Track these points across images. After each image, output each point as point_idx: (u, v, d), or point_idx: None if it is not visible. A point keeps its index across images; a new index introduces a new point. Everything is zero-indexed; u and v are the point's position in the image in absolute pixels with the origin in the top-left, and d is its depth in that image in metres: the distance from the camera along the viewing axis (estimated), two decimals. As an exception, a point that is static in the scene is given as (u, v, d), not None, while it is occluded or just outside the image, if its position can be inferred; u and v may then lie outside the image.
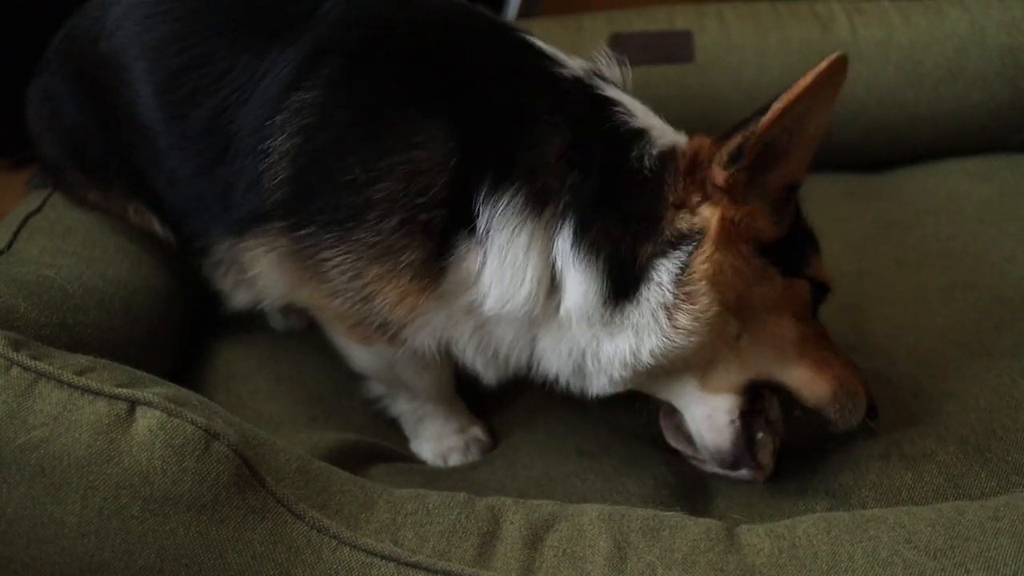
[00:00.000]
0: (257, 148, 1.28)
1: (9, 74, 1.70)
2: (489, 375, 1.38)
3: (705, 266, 1.19)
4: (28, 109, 1.62)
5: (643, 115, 1.29)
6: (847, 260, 1.77)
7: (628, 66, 1.36)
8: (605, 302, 1.22)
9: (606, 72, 1.34)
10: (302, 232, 1.27)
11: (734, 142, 1.18)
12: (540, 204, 1.22)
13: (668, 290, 1.19)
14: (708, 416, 1.27)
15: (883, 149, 2.04)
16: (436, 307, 1.27)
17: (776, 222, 1.24)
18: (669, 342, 1.20)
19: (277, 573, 1.03)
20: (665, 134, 1.28)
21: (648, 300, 1.20)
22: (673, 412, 1.35)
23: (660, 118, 1.33)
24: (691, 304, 1.19)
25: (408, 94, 1.24)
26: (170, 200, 1.47)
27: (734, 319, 1.22)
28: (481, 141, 1.23)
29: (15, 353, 1.09)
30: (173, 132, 1.38)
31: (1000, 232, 1.77)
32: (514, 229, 1.22)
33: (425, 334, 1.31)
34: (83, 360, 1.12)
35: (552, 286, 1.24)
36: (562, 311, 1.24)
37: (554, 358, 1.29)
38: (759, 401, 1.28)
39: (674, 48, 1.99)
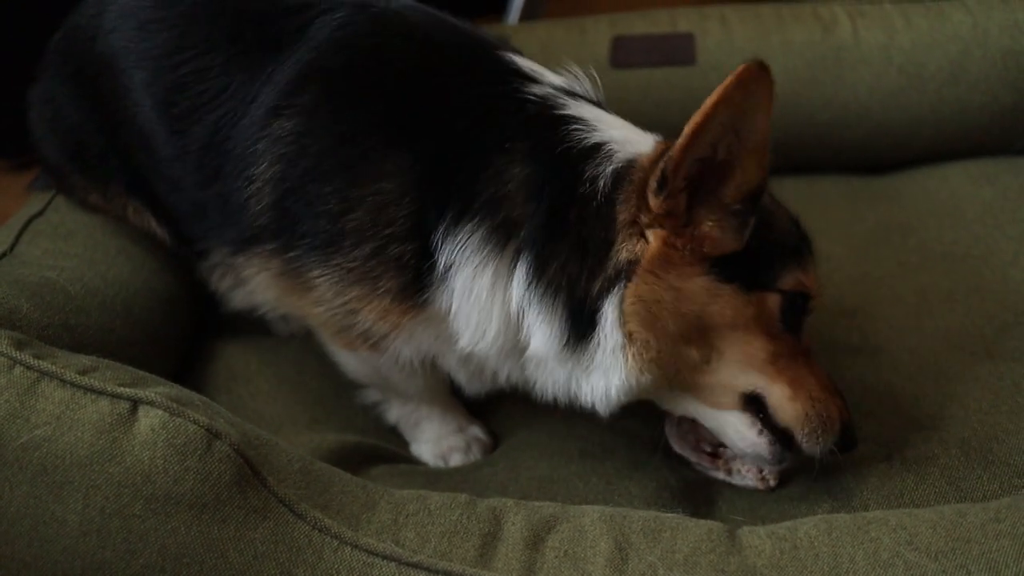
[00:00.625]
0: (243, 174, 1.30)
1: (10, 78, 1.71)
2: (473, 387, 1.38)
3: (634, 305, 1.15)
4: (30, 113, 1.63)
5: (605, 127, 1.23)
6: (849, 263, 1.77)
7: (599, 76, 1.33)
8: (566, 345, 1.19)
9: (577, 87, 1.30)
10: (289, 255, 1.29)
11: (658, 168, 1.13)
12: (502, 239, 1.19)
13: (614, 331, 1.16)
14: (737, 432, 1.24)
15: (885, 152, 2.03)
16: (422, 328, 1.28)
17: (735, 235, 1.17)
18: (631, 381, 1.18)
19: (278, 573, 1.03)
20: (626, 146, 1.21)
21: (604, 340, 1.17)
22: (679, 420, 1.35)
23: (628, 126, 1.27)
24: (632, 344, 1.16)
25: (379, 122, 1.24)
26: (172, 202, 1.48)
27: (690, 347, 1.18)
28: (445, 172, 1.21)
29: (18, 352, 1.10)
30: (174, 145, 1.39)
31: (1002, 235, 1.77)
32: (475, 267, 1.20)
33: (409, 348, 1.31)
34: (86, 360, 1.12)
35: (518, 327, 1.22)
36: (529, 353, 1.22)
37: (547, 385, 1.28)
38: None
39: (676, 51, 1.99)
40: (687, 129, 1.09)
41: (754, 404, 1.23)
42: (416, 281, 1.23)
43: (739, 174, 1.14)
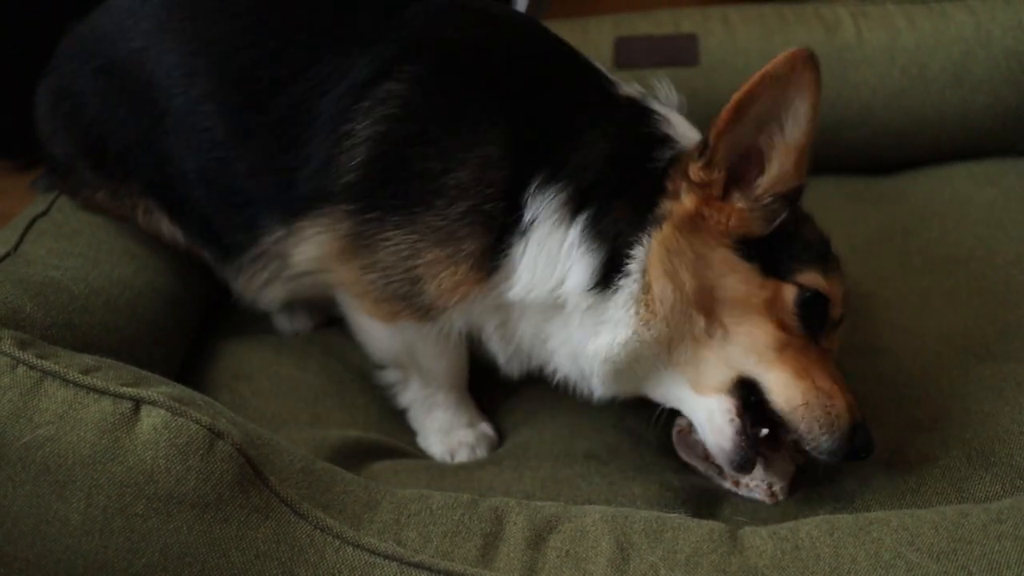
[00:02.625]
0: (338, 130, 1.35)
1: (12, 79, 1.71)
2: (512, 367, 1.44)
3: (659, 252, 1.25)
4: (39, 109, 1.63)
5: (676, 125, 1.37)
6: (851, 263, 1.76)
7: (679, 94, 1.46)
8: (591, 289, 1.28)
9: (660, 95, 1.44)
10: (367, 215, 1.35)
11: (703, 137, 1.25)
12: (580, 200, 1.30)
13: (636, 279, 1.26)
14: (709, 418, 1.26)
15: (888, 152, 2.03)
16: (482, 298, 1.34)
17: (763, 223, 1.26)
18: (637, 336, 1.25)
19: (280, 572, 1.04)
20: (688, 139, 1.34)
21: (622, 290, 1.27)
22: (687, 429, 1.35)
23: (692, 128, 1.40)
24: (646, 295, 1.25)
25: (484, 97, 1.35)
26: (201, 197, 1.49)
27: (700, 314, 1.24)
28: (541, 142, 1.32)
29: (21, 352, 1.10)
30: (238, 123, 1.43)
31: (1005, 236, 1.77)
32: (553, 222, 1.29)
33: (461, 319, 1.37)
34: (88, 359, 1.13)
35: (564, 267, 1.31)
36: (560, 295, 1.30)
37: (562, 358, 1.35)
38: (760, 402, 1.26)
39: (679, 51, 2.00)
40: (731, 101, 1.19)
41: (744, 390, 1.24)
42: (498, 242, 1.31)
43: (776, 168, 1.25)
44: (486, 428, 1.50)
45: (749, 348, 1.24)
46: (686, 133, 1.37)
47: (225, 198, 1.48)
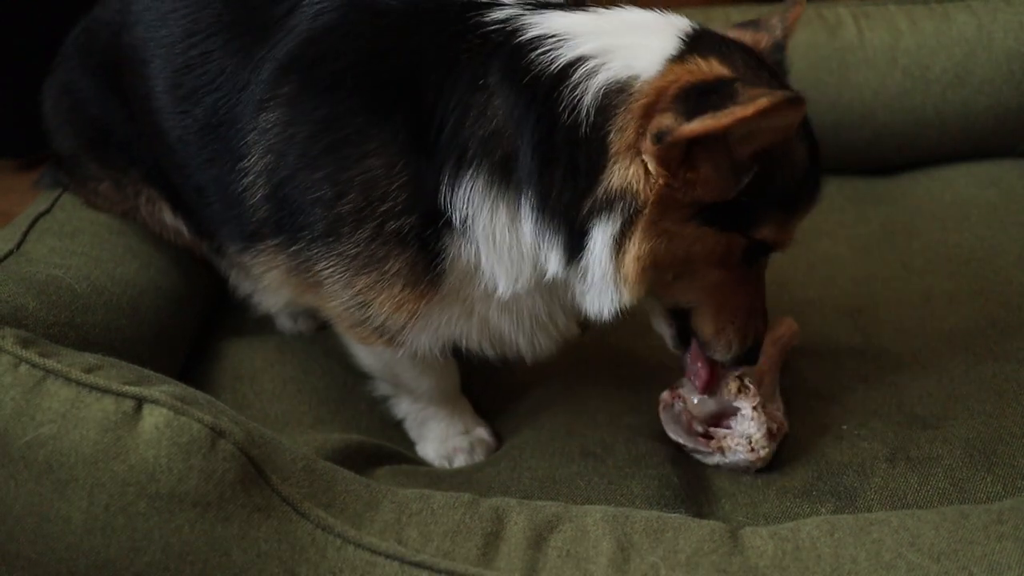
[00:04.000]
0: (236, 167, 1.30)
1: (15, 78, 1.72)
2: (536, 346, 1.35)
3: (638, 242, 1.12)
4: (45, 104, 1.65)
5: (578, 40, 1.14)
6: (853, 264, 1.77)
7: None
8: (567, 267, 1.17)
9: None
10: (293, 248, 1.28)
11: (662, 122, 1.05)
12: (505, 175, 1.16)
13: (606, 258, 1.14)
14: (658, 319, 1.34)
15: (890, 154, 2.03)
16: (439, 310, 1.27)
17: (728, 187, 1.11)
18: (620, 302, 1.17)
19: (281, 571, 1.04)
20: (608, 60, 1.12)
21: (592, 265, 1.15)
22: (671, 404, 1.37)
23: (611, 26, 1.16)
24: (624, 273, 1.14)
25: (358, 102, 1.21)
26: (186, 190, 1.49)
27: (668, 272, 1.18)
28: (430, 131, 1.17)
29: (23, 350, 1.10)
30: (178, 127, 1.40)
31: (1007, 237, 1.77)
32: (489, 209, 1.17)
33: (426, 336, 1.30)
34: (91, 358, 1.13)
35: (538, 257, 1.20)
36: (546, 280, 1.21)
37: (593, 304, 1.22)
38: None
39: (681, 52, 1.99)
40: (705, 123, 1.02)
41: (681, 314, 1.29)
42: (423, 256, 1.21)
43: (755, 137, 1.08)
44: (482, 433, 1.50)
45: (696, 288, 1.23)
46: (592, 47, 1.12)
47: (198, 197, 1.45)
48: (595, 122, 1.11)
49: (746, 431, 1.32)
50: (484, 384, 1.57)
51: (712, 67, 1.11)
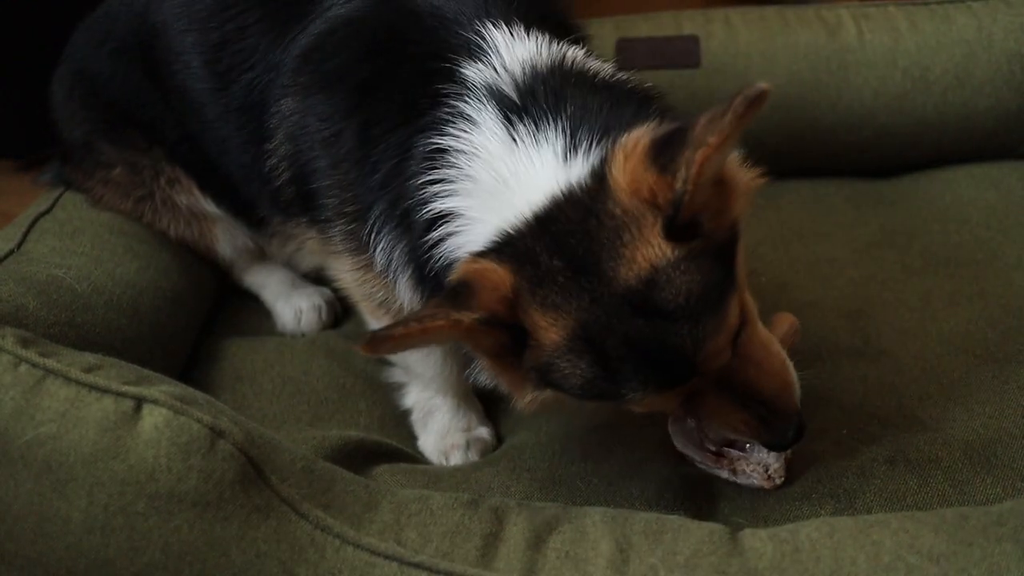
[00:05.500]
0: (262, 148, 1.35)
1: (15, 79, 1.72)
2: None
3: None
4: (55, 96, 1.67)
5: (462, 185, 1.14)
6: (853, 266, 1.76)
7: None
8: None
9: (504, 80, 1.17)
10: (320, 224, 1.34)
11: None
12: (405, 230, 1.20)
13: None
14: None
15: (890, 155, 2.03)
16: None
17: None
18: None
19: (280, 571, 1.04)
20: (468, 228, 1.13)
21: None
22: (682, 417, 1.35)
23: (499, 188, 1.12)
24: None
25: (349, 104, 1.24)
26: (225, 166, 1.52)
27: None
28: (369, 161, 1.21)
29: (23, 350, 1.10)
30: (217, 104, 1.43)
31: (1006, 239, 1.77)
32: (392, 249, 1.23)
33: None
34: (91, 358, 1.13)
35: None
36: None
37: None
38: None
39: (681, 53, 1.99)
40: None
41: None
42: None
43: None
44: (482, 432, 1.50)
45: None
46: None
47: (235, 170, 1.50)
48: (438, 275, 1.15)
49: (763, 459, 1.29)
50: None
51: (497, 275, 1.06)
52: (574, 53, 1.21)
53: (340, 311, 1.78)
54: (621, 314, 1.03)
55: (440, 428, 1.49)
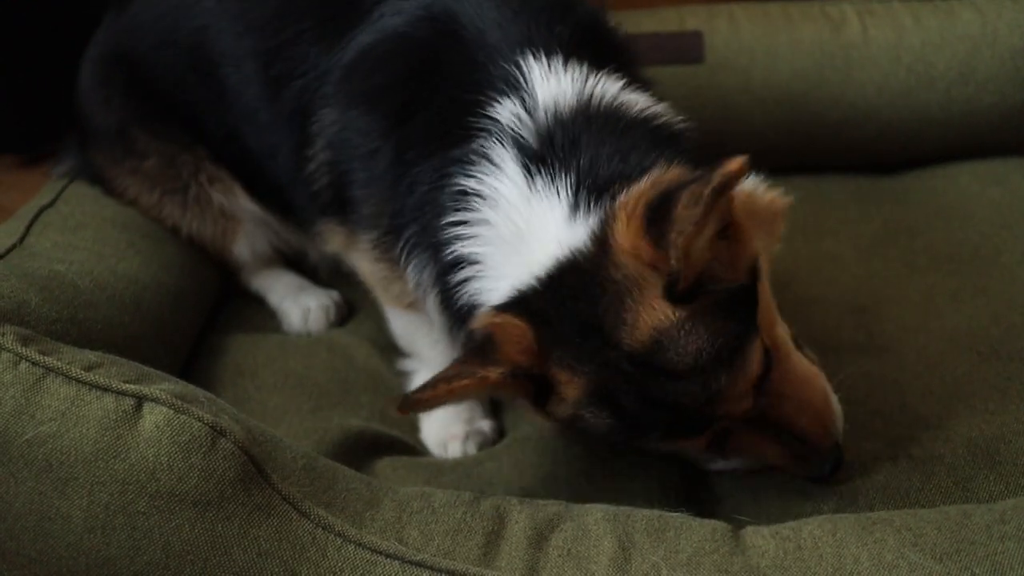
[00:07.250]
0: (303, 153, 1.38)
1: (17, 75, 1.72)
2: None
3: None
4: (85, 82, 1.65)
5: (481, 231, 1.18)
6: (856, 262, 1.76)
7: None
8: None
9: (526, 129, 1.18)
10: (350, 224, 1.41)
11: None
12: (435, 259, 1.25)
13: None
14: None
15: (894, 151, 2.03)
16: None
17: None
18: None
19: (282, 570, 1.04)
20: (487, 275, 1.18)
21: None
22: None
23: (520, 242, 1.15)
24: None
25: (385, 124, 1.28)
26: (272, 170, 1.54)
27: None
28: (404, 184, 1.26)
29: (24, 348, 1.10)
30: (269, 111, 1.45)
31: (1010, 235, 1.76)
32: (421, 270, 1.30)
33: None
34: (91, 356, 1.13)
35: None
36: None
37: None
38: None
39: (684, 49, 1.99)
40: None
41: None
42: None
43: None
44: (483, 425, 1.50)
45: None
46: (494, 263, 1.17)
47: (283, 174, 1.52)
48: (461, 319, 1.19)
49: None
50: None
51: (518, 329, 1.10)
52: (606, 87, 1.21)
53: (347, 313, 1.78)
54: (631, 376, 1.07)
55: (442, 417, 1.49)
